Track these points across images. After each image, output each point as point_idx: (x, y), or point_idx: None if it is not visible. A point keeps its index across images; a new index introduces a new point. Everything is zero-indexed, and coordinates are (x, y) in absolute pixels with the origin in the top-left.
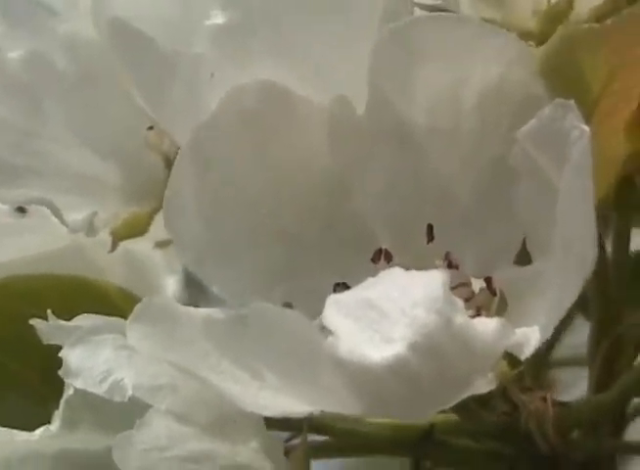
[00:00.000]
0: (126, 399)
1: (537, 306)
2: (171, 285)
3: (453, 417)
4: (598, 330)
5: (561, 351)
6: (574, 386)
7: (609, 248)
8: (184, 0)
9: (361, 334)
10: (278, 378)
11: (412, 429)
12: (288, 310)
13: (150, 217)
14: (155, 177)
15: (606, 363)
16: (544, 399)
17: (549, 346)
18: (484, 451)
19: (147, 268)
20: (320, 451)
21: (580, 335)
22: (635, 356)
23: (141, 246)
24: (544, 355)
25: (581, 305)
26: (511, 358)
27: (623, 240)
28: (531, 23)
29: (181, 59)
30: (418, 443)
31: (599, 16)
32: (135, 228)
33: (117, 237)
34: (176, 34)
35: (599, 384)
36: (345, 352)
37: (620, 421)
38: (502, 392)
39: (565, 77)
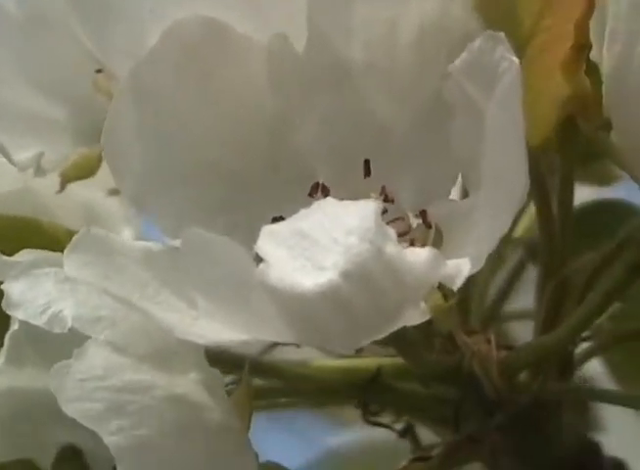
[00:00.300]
0: (66, 331)
1: (470, 239)
2: (127, 235)
3: (400, 361)
4: (544, 274)
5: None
6: None
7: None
8: None
9: (293, 262)
10: (212, 306)
11: (359, 372)
12: (220, 237)
13: (99, 159)
14: (104, 119)
15: (551, 307)
16: (488, 342)
17: (500, 297)
18: (430, 395)
19: (103, 218)
20: (265, 394)
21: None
22: (580, 301)
23: (97, 195)
24: (495, 306)
25: (531, 254)
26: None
27: (568, 184)
28: None
29: None
30: (365, 386)
31: None
32: (84, 170)
33: (66, 178)
34: None
35: (544, 327)
36: (276, 280)
37: (568, 365)
38: (448, 335)
39: (497, 11)
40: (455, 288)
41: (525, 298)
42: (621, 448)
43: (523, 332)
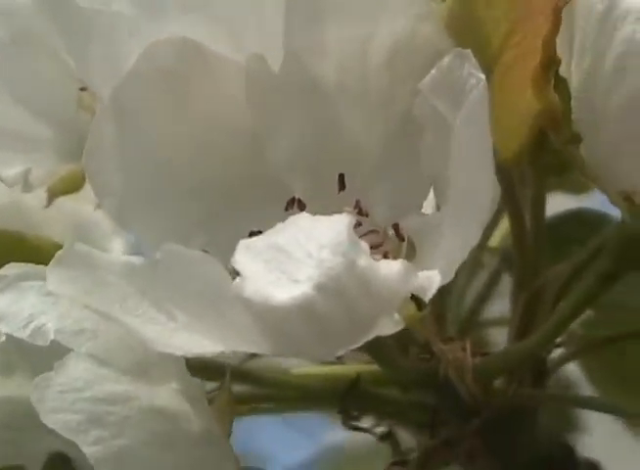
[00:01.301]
0: (48, 343)
1: (440, 251)
2: (117, 247)
3: (379, 367)
4: (518, 284)
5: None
6: None
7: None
8: None
9: (268, 275)
10: (190, 319)
11: (339, 379)
12: (197, 252)
13: (85, 174)
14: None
15: (525, 315)
16: (464, 349)
17: (477, 305)
18: (408, 401)
19: (92, 230)
20: (246, 401)
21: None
22: (553, 309)
23: (86, 208)
24: (473, 314)
25: (506, 263)
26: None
27: (540, 197)
28: None
29: (100, 17)
30: (345, 393)
31: None
32: (71, 185)
33: (53, 193)
34: None
35: (519, 334)
36: (252, 293)
37: (542, 371)
38: (425, 342)
39: (466, 31)
40: (427, 299)
41: (500, 304)
42: (603, 450)
43: (500, 337)
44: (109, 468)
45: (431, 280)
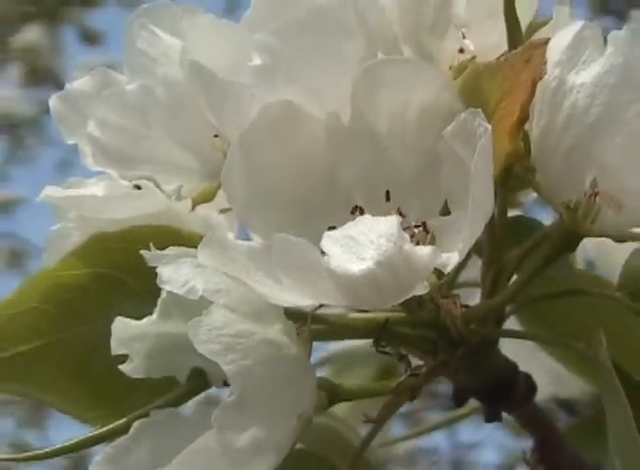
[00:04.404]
0: (197, 298)
1: (456, 240)
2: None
3: (401, 314)
4: (487, 261)
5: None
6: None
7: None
8: (234, 50)
9: (344, 255)
10: (292, 283)
11: (374, 321)
12: (299, 239)
13: (216, 190)
14: (220, 166)
15: (492, 283)
16: (455, 303)
17: (456, 273)
18: (419, 336)
19: (216, 227)
20: (319, 334)
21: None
22: (510, 279)
23: (214, 214)
24: (454, 279)
25: (477, 249)
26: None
27: (504, 206)
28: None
29: (232, 86)
30: (378, 330)
31: None
32: (206, 196)
33: (195, 202)
34: (229, 71)
35: (488, 294)
36: (335, 266)
37: (501, 318)
38: (431, 298)
39: (473, 97)
40: (446, 272)
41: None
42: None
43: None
44: (239, 379)
45: (450, 259)
